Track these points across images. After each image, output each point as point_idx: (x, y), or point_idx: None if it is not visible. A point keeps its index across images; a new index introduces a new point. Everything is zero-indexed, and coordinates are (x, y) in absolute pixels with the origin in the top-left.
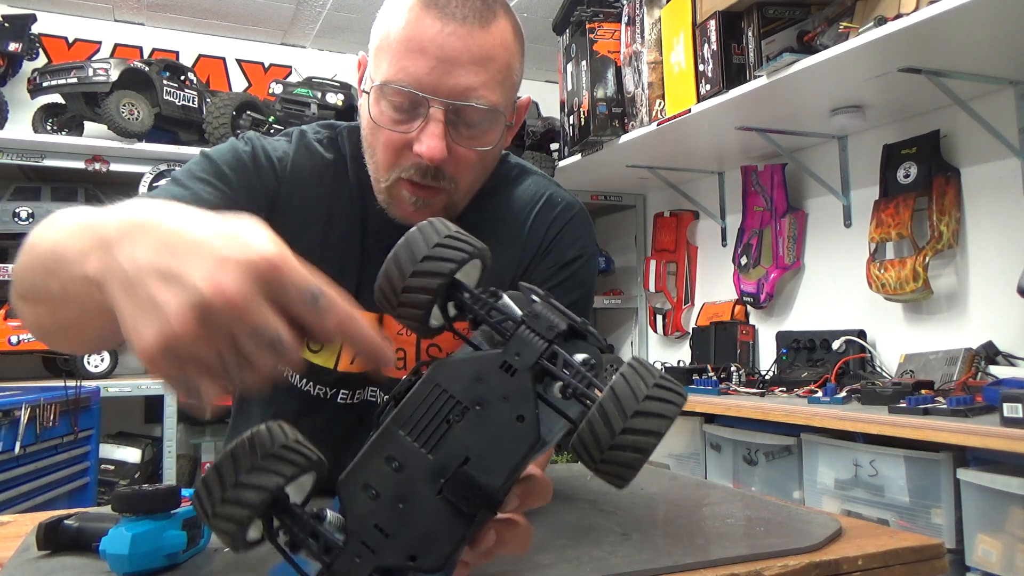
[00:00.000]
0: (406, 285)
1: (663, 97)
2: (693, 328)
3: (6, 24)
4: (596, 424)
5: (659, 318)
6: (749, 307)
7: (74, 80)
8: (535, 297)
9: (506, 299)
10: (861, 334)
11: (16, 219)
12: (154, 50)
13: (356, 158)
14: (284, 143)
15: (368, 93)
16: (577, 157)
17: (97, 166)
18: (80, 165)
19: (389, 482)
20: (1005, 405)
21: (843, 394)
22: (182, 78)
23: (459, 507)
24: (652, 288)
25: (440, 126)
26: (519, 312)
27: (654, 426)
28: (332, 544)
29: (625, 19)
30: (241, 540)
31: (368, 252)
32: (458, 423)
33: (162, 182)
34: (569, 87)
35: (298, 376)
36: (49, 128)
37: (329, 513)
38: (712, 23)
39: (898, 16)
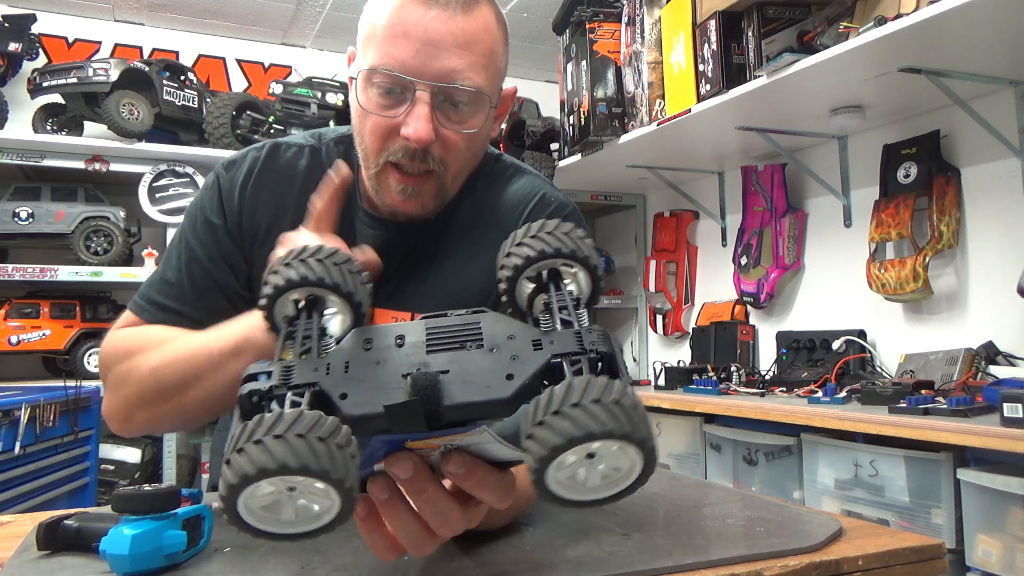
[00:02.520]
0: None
1: (663, 97)
2: (693, 328)
3: (6, 24)
4: (533, 406)
5: (659, 318)
6: (749, 307)
7: (74, 80)
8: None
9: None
10: (861, 334)
11: (16, 219)
12: (154, 50)
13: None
14: (252, 155)
15: (356, 80)
16: (577, 157)
17: (97, 166)
18: (80, 165)
19: (385, 347)
20: (1005, 405)
21: (843, 394)
22: (182, 78)
23: (410, 394)
24: (652, 288)
25: (426, 108)
26: (579, 325)
27: (562, 429)
28: (308, 351)
29: (625, 19)
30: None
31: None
32: (468, 349)
33: (176, 228)
34: (569, 87)
35: None
36: (49, 128)
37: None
38: (712, 23)
39: (898, 16)
